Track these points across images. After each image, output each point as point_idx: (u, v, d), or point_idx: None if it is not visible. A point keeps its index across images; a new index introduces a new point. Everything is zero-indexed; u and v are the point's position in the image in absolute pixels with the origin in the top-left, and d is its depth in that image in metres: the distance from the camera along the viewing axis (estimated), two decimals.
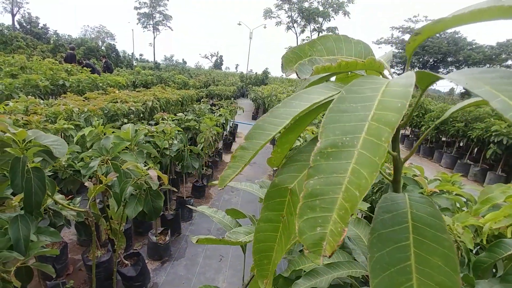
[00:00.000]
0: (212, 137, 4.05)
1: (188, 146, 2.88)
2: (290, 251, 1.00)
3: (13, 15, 32.78)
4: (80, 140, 2.68)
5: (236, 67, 53.86)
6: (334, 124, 0.31)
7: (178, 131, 2.99)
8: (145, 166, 1.77)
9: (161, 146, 3.01)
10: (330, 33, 0.53)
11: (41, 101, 4.27)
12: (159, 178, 1.71)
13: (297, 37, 32.16)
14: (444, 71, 36.16)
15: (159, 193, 1.59)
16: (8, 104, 3.66)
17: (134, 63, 30.44)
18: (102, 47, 26.88)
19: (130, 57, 33.46)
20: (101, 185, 1.57)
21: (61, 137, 3.23)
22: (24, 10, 34.10)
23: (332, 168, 0.29)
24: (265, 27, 25.26)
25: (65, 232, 3.07)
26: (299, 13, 29.50)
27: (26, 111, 3.73)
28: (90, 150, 1.76)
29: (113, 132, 2.51)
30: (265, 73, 23.71)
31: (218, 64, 48.75)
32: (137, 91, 7.97)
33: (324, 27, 31.03)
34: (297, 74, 0.45)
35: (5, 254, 1.04)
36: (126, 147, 2.01)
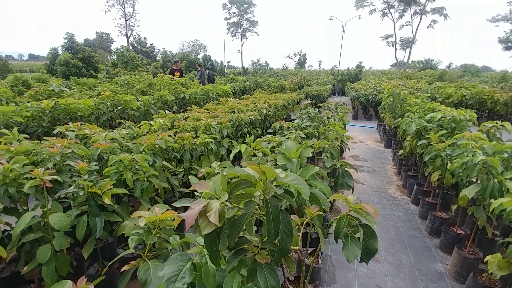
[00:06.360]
0: (344, 146, 3.72)
1: (338, 161, 2.62)
2: None
3: (128, 38, 39.43)
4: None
5: (319, 64, 52.19)
6: None
7: (328, 144, 2.77)
8: None
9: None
10: None
11: (178, 115, 4.72)
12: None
13: (394, 24, 28.65)
14: None
15: (373, 231, 1.35)
16: (157, 121, 4.08)
17: (226, 71, 32.75)
18: (199, 59, 29.83)
19: (220, 65, 36.19)
20: (306, 219, 1.42)
21: (204, 150, 3.33)
22: (135, 33, 40.70)
23: None
24: (359, 18, 23.40)
25: None
26: None
27: (172, 126, 4.14)
28: None
29: (257, 147, 2.44)
30: (359, 67, 21.93)
31: (301, 63, 48.17)
32: (241, 98, 8.32)
33: (428, 9, 26.71)
34: None
35: None
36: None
